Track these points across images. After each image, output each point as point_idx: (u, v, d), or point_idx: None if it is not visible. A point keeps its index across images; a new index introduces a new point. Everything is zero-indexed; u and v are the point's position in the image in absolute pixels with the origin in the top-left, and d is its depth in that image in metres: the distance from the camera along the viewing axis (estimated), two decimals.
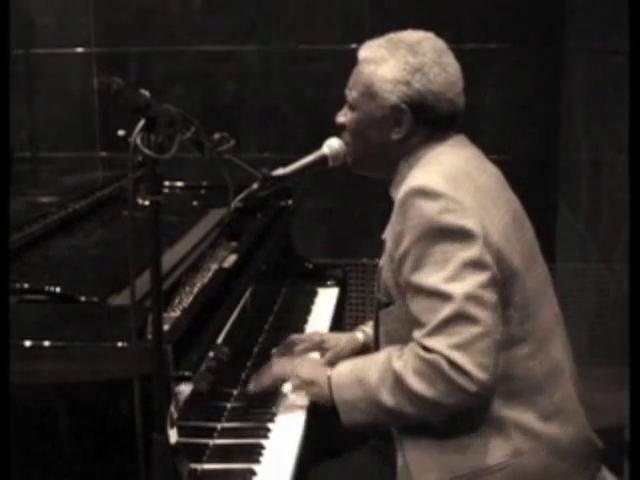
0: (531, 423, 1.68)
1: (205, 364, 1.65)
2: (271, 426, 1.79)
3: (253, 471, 1.63)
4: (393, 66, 1.75)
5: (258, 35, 3.87)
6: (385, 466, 1.80)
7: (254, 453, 1.69)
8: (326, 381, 1.76)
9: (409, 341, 1.66)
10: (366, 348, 2.09)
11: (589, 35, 3.23)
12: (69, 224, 2.24)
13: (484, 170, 1.80)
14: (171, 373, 1.47)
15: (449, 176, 1.69)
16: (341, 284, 2.73)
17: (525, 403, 1.69)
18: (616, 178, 2.66)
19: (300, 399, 1.86)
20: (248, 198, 1.98)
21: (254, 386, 1.89)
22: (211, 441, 1.73)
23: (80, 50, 3.99)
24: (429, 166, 1.74)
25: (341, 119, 1.87)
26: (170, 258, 2.02)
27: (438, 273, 1.60)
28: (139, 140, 1.29)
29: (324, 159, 1.97)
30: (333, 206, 3.95)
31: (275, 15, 3.86)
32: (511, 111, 3.78)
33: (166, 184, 2.66)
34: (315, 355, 2.10)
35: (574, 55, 3.54)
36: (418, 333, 1.62)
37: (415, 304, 1.64)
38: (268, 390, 1.89)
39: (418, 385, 1.60)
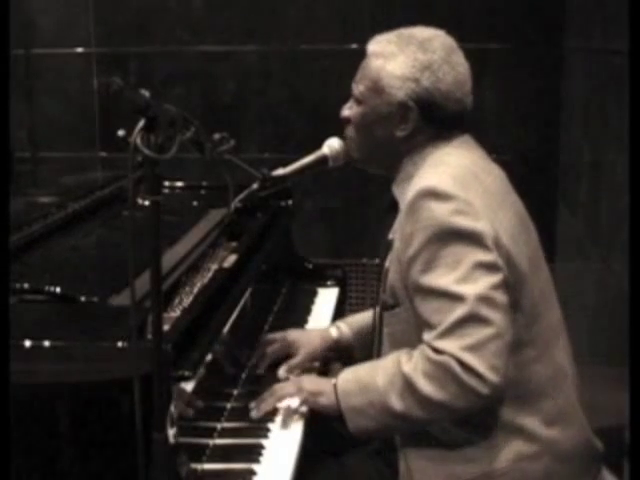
0: (534, 427, 1.67)
1: (205, 364, 1.65)
2: (271, 426, 1.79)
3: (253, 471, 1.63)
4: (402, 62, 1.72)
5: (258, 35, 3.88)
6: (385, 467, 1.80)
7: (254, 453, 1.69)
8: (332, 390, 1.72)
9: (414, 343, 1.64)
10: (340, 346, 2.06)
11: (588, 35, 3.23)
12: (69, 224, 2.24)
13: (490, 172, 1.78)
14: (171, 373, 1.47)
15: (458, 177, 1.67)
16: (341, 284, 2.72)
17: (530, 407, 1.67)
18: (616, 178, 2.66)
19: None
20: (248, 198, 1.98)
21: (257, 412, 1.80)
22: (211, 441, 1.73)
23: (80, 50, 3.99)
24: (437, 167, 1.71)
25: (346, 112, 1.83)
26: (170, 258, 2.02)
27: (449, 274, 1.58)
28: (139, 140, 1.28)
29: (324, 159, 1.96)
30: (333, 206, 3.95)
31: (275, 15, 3.86)
32: (511, 111, 3.78)
33: (166, 184, 2.66)
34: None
35: (574, 55, 3.54)
36: (428, 335, 1.59)
37: (425, 306, 1.61)
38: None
39: (428, 388, 1.58)
